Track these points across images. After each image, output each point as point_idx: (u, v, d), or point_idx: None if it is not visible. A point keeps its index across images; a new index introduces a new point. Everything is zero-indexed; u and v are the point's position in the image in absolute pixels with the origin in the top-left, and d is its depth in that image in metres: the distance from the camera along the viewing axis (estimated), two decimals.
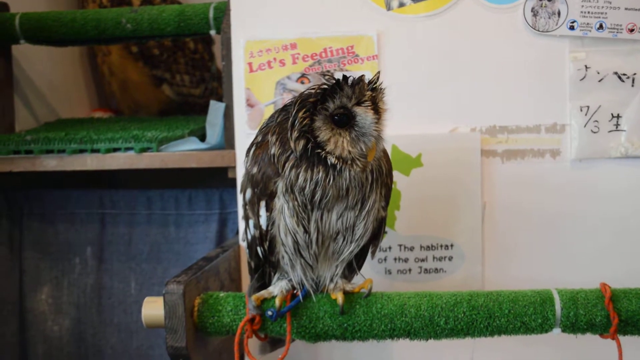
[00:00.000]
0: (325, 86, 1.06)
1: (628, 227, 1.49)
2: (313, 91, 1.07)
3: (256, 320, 1.21)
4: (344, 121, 1.07)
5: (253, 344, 1.25)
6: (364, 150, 1.08)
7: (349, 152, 1.08)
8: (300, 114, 1.06)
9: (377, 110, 1.08)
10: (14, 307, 1.89)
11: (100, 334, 1.87)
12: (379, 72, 1.11)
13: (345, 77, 1.06)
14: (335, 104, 1.06)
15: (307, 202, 1.10)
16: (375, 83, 1.08)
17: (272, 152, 1.10)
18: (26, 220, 1.91)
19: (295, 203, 1.10)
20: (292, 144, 1.07)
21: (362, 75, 1.07)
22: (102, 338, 1.87)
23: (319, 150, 1.07)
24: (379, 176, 1.14)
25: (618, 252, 1.49)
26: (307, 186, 1.08)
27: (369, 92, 1.07)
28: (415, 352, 1.53)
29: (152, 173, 1.70)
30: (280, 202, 1.11)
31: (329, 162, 1.07)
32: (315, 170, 1.07)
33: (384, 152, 1.17)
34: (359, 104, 1.07)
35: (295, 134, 1.07)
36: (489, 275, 1.52)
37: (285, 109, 1.12)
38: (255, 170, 1.14)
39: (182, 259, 1.85)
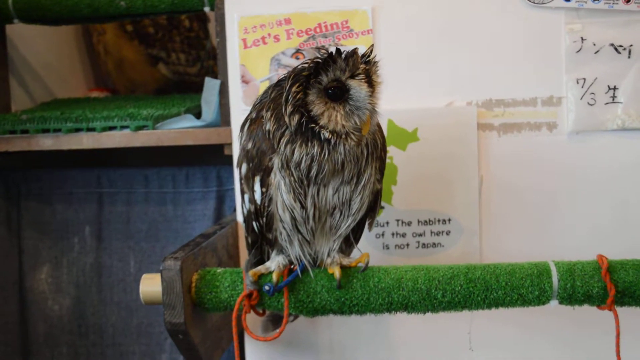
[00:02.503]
0: (319, 59, 1.06)
1: (625, 199, 1.49)
2: (306, 65, 1.07)
3: (254, 295, 1.21)
4: (338, 95, 1.07)
5: (253, 320, 1.26)
6: (358, 123, 1.08)
7: (343, 126, 1.07)
8: (293, 89, 1.06)
9: (371, 84, 1.07)
10: (14, 287, 1.90)
11: (100, 313, 1.88)
12: (372, 45, 1.10)
13: (338, 50, 1.05)
14: (329, 77, 1.06)
15: (303, 178, 1.10)
16: (369, 56, 1.08)
17: (267, 128, 1.10)
18: (24, 200, 1.91)
19: (292, 179, 1.10)
20: (286, 119, 1.07)
21: (356, 48, 1.06)
22: (102, 316, 1.88)
23: (313, 125, 1.06)
24: (374, 150, 1.14)
25: (615, 224, 1.49)
26: (303, 161, 1.08)
27: (362, 65, 1.07)
28: (413, 325, 1.53)
29: (149, 151, 1.70)
30: (276, 178, 1.11)
31: (323, 137, 1.06)
32: (310, 145, 1.07)
33: (378, 125, 1.16)
34: (352, 77, 1.06)
35: (289, 109, 1.06)
36: (487, 249, 1.52)
37: (279, 84, 1.11)
38: (250, 145, 1.13)
39: (180, 236, 1.85)
